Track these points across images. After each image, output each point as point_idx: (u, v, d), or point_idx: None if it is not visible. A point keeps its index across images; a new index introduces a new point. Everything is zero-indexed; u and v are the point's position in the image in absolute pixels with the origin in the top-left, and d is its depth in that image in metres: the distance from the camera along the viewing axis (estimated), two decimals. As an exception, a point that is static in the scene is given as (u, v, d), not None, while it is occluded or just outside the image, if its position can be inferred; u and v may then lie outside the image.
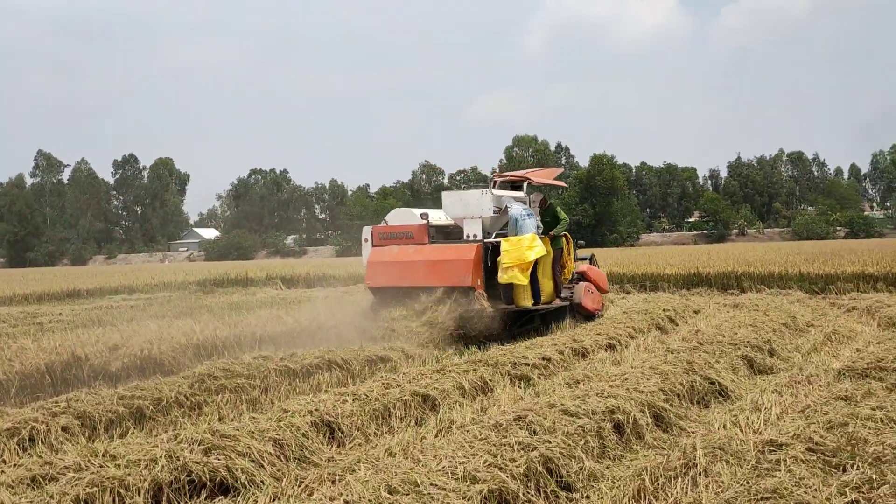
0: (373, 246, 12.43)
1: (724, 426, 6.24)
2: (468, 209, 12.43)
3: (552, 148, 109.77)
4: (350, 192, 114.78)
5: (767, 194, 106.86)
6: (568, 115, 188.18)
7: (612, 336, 10.71)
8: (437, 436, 6.11)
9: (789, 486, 4.10)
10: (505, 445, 5.06)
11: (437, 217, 12.71)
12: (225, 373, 8.07)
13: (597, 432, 5.57)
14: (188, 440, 5.23)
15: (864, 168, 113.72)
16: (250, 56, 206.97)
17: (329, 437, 6.08)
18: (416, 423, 6.68)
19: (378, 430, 6.48)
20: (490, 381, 7.89)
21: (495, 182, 13.30)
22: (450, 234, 12.57)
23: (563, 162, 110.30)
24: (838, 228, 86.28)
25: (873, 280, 18.79)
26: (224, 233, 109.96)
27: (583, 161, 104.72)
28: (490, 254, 11.86)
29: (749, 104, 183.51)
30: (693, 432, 6.24)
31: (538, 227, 12.19)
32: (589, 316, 13.16)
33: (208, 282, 30.45)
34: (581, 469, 5.01)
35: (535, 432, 5.39)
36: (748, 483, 4.28)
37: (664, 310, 13.59)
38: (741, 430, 6.12)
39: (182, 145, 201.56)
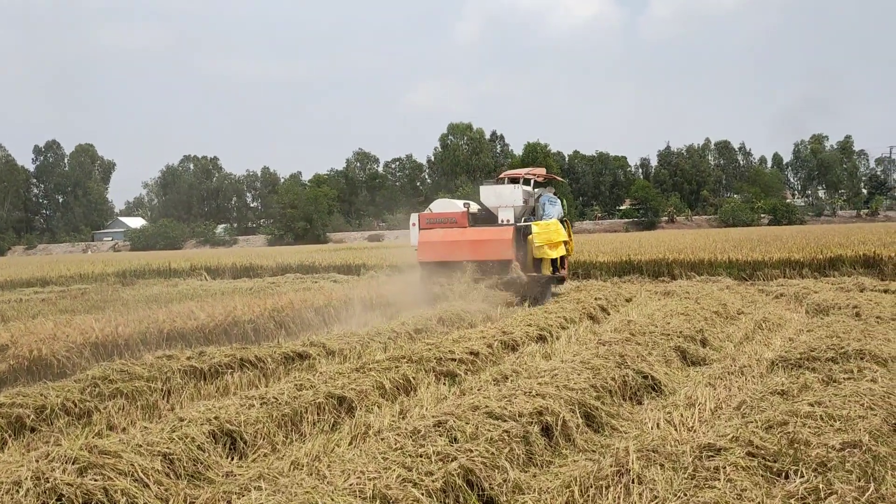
0: (420, 229, 15.21)
1: (658, 425, 5.90)
2: (502, 200, 15.32)
3: (487, 136, 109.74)
4: (282, 180, 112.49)
5: (696, 182, 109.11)
6: (502, 103, 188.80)
7: (542, 327, 10.34)
8: (351, 443, 5.59)
9: (730, 499, 3.71)
10: (422, 456, 4.56)
11: (443, 206, 16.01)
12: (122, 375, 7.34)
13: (523, 437, 5.12)
14: (61, 458, 4.55)
15: (787, 157, 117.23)
16: (173, 40, 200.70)
17: (230, 448, 5.48)
18: (331, 429, 6.14)
19: (287, 437, 5.91)
20: (413, 379, 7.38)
21: (524, 179, 16.02)
22: (477, 219, 15.52)
23: (497, 150, 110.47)
24: (762, 215, 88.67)
25: (799, 266, 19.02)
26: (151, 222, 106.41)
27: (517, 149, 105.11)
28: (520, 235, 14.83)
29: (678, 94, 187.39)
30: (626, 433, 5.87)
31: (559, 214, 15.39)
32: (561, 280, 16.17)
33: (129, 273, 29.08)
34: (505, 481, 4.55)
35: (455, 439, 4.91)
36: (685, 495, 3.88)
37: (596, 298, 13.34)
38: (675, 429, 5.79)
39: (106, 132, 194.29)
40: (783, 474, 4.10)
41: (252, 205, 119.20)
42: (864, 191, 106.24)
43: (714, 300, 12.74)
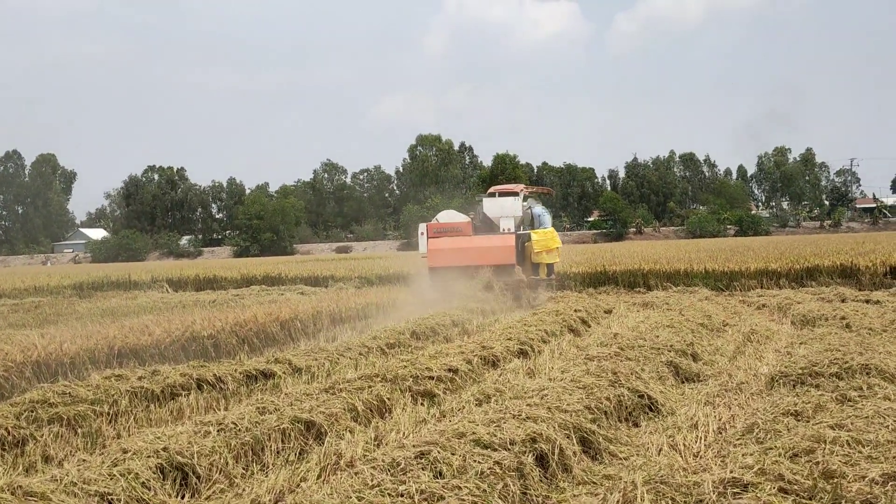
0: (429, 238, 16.63)
1: (661, 450, 5.33)
2: (504, 210, 17.04)
3: (456, 147, 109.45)
4: (249, 191, 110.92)
5: (662, 194, 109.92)
6: (470, 115, 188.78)
7: (523, 341, 9.76)
8: (320, 476, 4.93)
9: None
10: (404, 496, 3.94)
11: (449, 216, 17.57)
12: (64, 398, 6.60)
13: (517, 469, 4.51)
14: (-24, 503, 3.86)
15: (751, 169, 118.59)
16: (137, 50, 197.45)
17: (181, 484, 4.80)
18: (297, 458, 5.47)
19: (248, 468, 5.24)
20: (388, 399, 6.74)
21: (521, 193, 17.82)
22: (475, 229, 17.27)
23: (466, 162, 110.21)
24: (728, 227, 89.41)
25: (776, 276, 18.72)
26: (113, 233, 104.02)
27: (486, 160, 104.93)
28: (519, 242, 16.55)
29: (644, 106, 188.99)
30: (626, 459, 5.30)
31: (550, 223, 17.55)
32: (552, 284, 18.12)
33: (86, 285, 27.93)
34: (500, 524, 3.94)
35: (441, 474, 4.29)
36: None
37: (576, 310, 12.80)
38: (680, 456, 5.23)
39: (68, 142, 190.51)
40: (824, 516, 3.55)
41: (218, 216, 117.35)
42: (827, 202, 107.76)
43: (698, 312, 12.28)
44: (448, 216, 17.76)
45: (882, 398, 5.93)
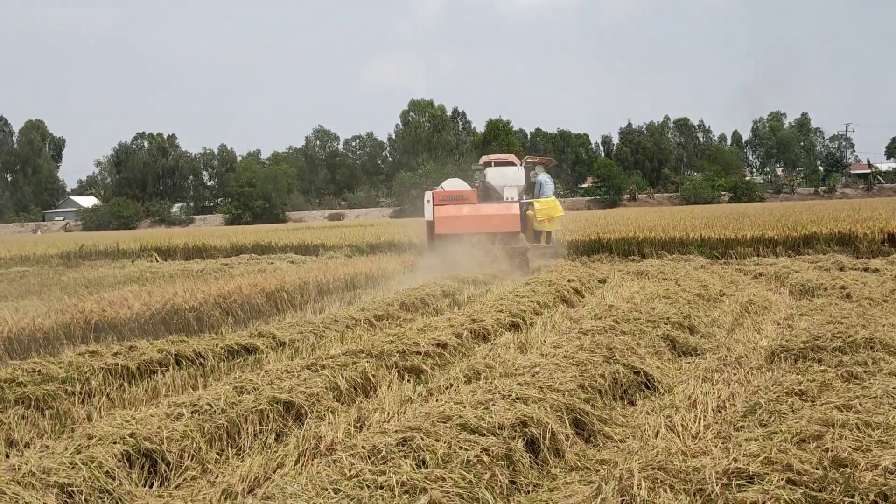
0: (434, 206, 16.66)
1: (658, 433, 5.06)
2: (507, 179, 17.38)
3: (448, 113, 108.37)
4: (240, 158, 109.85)
5: (657, 160, 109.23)
6: (463, 81, 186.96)
7: (514, 313, 9.48)
8: (297, 461, 4.65)
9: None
10: (383, 488, 3.66)
11: (454, 184, 18.03)
12: (33, 377, 6.29)
13: (506, 456, 4.24)
14: (-78, 498, 3.57)
15: (746, 135, 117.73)
16: (121, 16, 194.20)
17: (150, 472, 4.52)
18: (275, 440, 5.20)
19: (222, 453, 4.96)
20: (373, 377, 6.46)
21: (521, 163, 18.19)
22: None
23: (459, 127, 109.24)
24: (723, 193, 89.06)
25: (773, 244, 18.45)
26: (104, 201, 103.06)
27: (479, 126, 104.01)
28: (521, 210, 16.91)
29: (638, 71, 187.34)
30: (622, 442, 5.03)
31: (552, 192, 17.80)
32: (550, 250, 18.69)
33: (74, 254, 27.52)
34: (485, 517, 3.67)
35: (424, 462, 4.01)
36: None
37: (569, 280, 12.51)
38: (679, 437, 4.97)
39: (57, 108, 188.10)
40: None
41: (209, 183, 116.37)
42: (821, 168, 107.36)
43: (694, 281, 12.00)
44: (453, 184, 18.24)
45: (889, 374, 5.68)
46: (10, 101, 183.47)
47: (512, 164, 18.14)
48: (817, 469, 3.58)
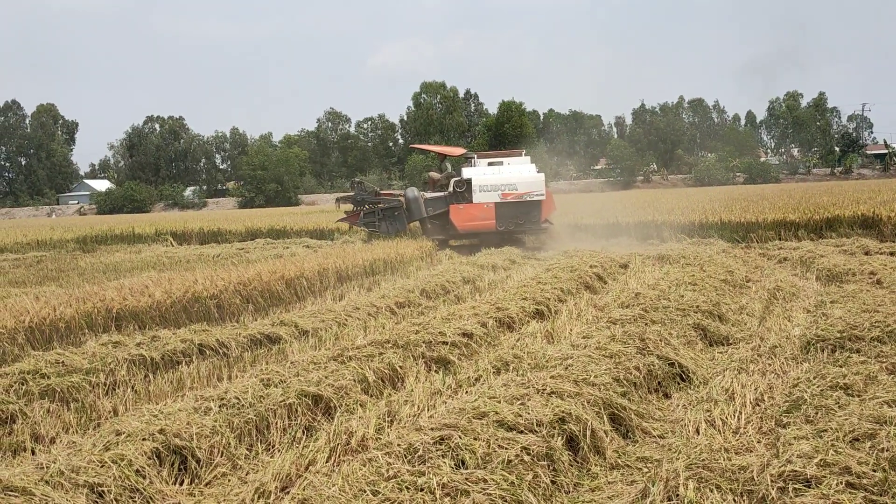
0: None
1: (699, 429, 4.92)
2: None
3: (461, 95, 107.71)
4: (252, 141, 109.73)
5: (670, 141, 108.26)
6: (474, 63, 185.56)
7: (538, 300, 9.33)
8: (329, 458, 4.54)
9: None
10: (424, 491, 3.55)
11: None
12: (57, 368, 6.23)
13: (546, 455, 4.11)
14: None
15: (761, 115, 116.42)
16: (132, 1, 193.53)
17: (180, 469, 4.43)
18: (305, 435, 5.10)
19: (252, 449, 4.87)
20: (401, 368, 6.35)
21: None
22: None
23: (472, 109, 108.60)
24: (737, 174, 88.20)
25: (794, 227, 18.17)
26: (117, 185, 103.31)
27: (492, 108, 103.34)
28: None
29: (652, 50, 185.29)
30: (661, 437, 4.90)
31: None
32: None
33: (89, 239, 27.54)
34: (530, 521, 3.55)
35: (463, 462, 3.89)
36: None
37: (591, 266, 12.33)
38: (720, 434, 4.83)
39: (68, 92, 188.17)
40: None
41: (221, 167, 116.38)
42: (837, 149, 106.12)
43: (719, 266, 11.80)
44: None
45: (932, 367, 5.52)
46: (23, 85, 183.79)
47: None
48: (875, 471, 3.44)
